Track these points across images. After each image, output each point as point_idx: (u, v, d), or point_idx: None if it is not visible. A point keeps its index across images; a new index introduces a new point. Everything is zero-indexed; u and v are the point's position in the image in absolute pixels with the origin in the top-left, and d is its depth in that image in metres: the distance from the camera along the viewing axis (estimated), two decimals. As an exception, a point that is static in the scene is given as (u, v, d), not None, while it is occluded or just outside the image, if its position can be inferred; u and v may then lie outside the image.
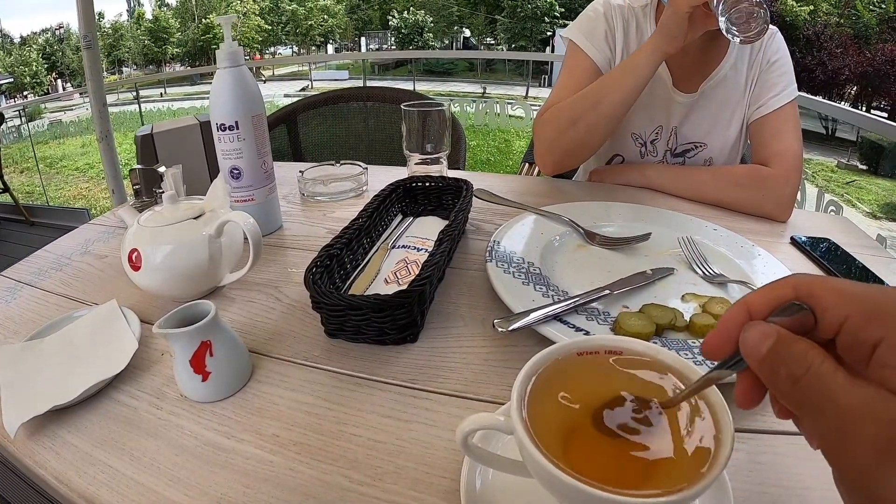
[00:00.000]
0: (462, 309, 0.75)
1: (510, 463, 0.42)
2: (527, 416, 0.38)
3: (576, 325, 0.65)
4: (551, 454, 0.35)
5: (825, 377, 0.28)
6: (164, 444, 0.54)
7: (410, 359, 0.66)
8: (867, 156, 8.88)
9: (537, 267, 0.78)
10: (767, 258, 0.84)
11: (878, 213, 7.50)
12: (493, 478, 0.47)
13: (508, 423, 0.38)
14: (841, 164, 8.80)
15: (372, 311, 0.64)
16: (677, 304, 0.73)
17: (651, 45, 1.04)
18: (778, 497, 0.48)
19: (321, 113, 1.91)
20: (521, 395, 0.39)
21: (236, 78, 0.87)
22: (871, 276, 0.84)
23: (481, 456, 0.43)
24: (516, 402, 0.38)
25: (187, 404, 0.59)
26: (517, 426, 0.36)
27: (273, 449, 0.53)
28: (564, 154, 1.13)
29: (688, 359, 0.59)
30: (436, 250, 0.73)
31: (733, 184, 1.09)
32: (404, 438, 0.54)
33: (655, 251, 0.86)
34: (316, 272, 0.69)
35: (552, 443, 0.36)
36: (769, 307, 0.32)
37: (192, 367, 0.57)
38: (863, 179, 8.56)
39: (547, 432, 0.37)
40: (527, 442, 0.35)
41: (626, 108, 1.08)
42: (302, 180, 1.17)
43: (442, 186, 0.99)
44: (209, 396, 0.59)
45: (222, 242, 0.76)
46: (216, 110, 0.87)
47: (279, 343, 0.69)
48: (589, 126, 1.08)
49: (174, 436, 0.55)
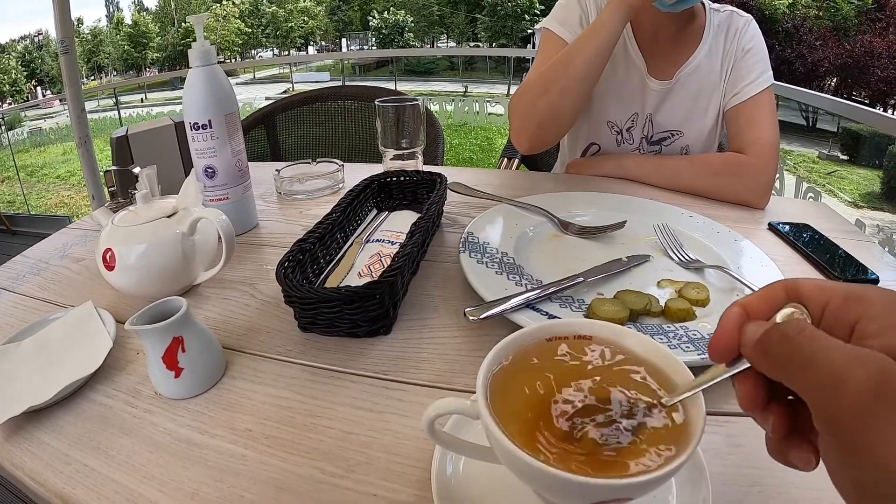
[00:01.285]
0: (435, 300, 0.74)
1: (479, 449, 0.42)
2: (492, 400, 0.37)
3: (549, 313, 0.64)
4: (518, 439, 0.34)
5: (817, 336, 0.29)
6: (138, 441, 0.54)
7: (383, 350, 0.65)
8: (848, 146, 8.96)
9: (511, 257, 0.78)
10: (743, 243, 0.83)
11: (859, 202, 7.56)
12: (465, 466, 0.47)
13: (475, 406, 0.37)
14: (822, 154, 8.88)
15: (343, 303, 0.63)
16: (653, 290, 0.72)
17: (616, 1, 1.04)
18: (758, 477, 0.48)
19: (300, 113, 1.90)
20: (486, 379, 0.38)
21: (209, 76, 0.87)
22: (851, 259, 0.84)
23: (449, 442, 0.42)
24: (482, 386, 0.38)
25: (161, 402, 0.59)
26: (482, 410, 0.36)
27: (246, 443, 0.53)
28: (538, 126, 1.11)
29: (662, 343, 0.60)
30: (407, 242, 0.72)
31: (710, 172, 1.09)
32: (376, 429, 0.54)
33: (631, 239, 0.86)
34: (288, 266, 0.68)
35: (519, 427, 0.36)
36: (767, 308, 0.34)
37: (164, 363, 0.57)
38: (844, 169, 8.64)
39: (514, 417, 0.36)
40: (491, 424, 0.35)
41: (597, 68, 1.06)
42: (278, 179, 1.16)
43: (416, 181, 0.99)
44: (182, 393, 0.59)
45: (196, 240, 0.76)
46: (189, 109, 0.87)
47: (253, 339, 0.68)
48: (561, 90, 1.06)
49: (149, 433, 0.54)
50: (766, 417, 0.33)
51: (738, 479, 0.48)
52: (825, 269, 0.81)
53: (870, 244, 0.91)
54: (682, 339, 0.60)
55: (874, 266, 0.82)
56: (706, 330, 0.62)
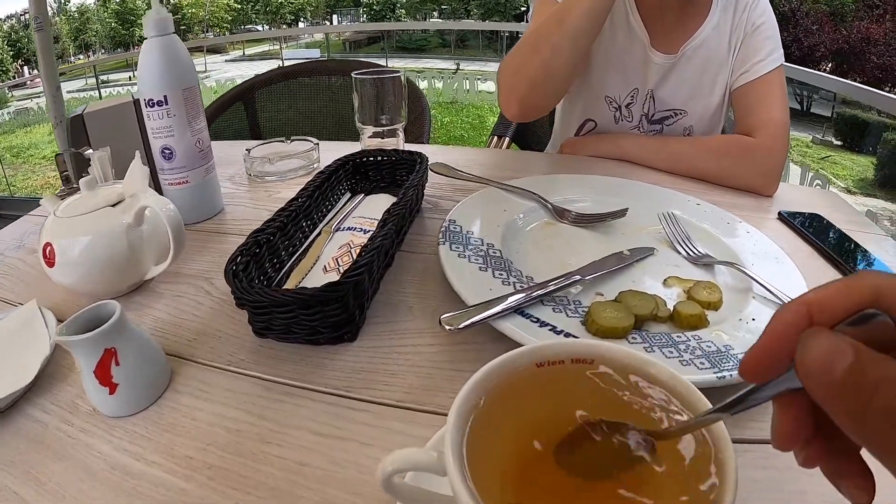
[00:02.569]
0: (410, 300, 0.66)
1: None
2: (466, 453, 0.28)
3: (540, 319, 0.55)
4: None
5: None
6: (72, 466, 0.47)
7: (347, 361, 0.57)
8: (842, 132, 8.95)
9: (497, 249, 0.68)
10: (757, 236, 0.75)
11: (853, 188, 7.54)
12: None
13: (441, 460, 0.28)
14: (816, 139, 8.86)
15: (299, 307, 0.54)
16: (659, 289, 0.64)
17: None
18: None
19: (281, 89, 1.80)
20: (459, 424, 0.30)
21: (165, 48, 0.79)
22: (869, 257, 0.77)
23: (414, 497, 0.33)
24: (452, 435, 0.29)
25: (98, 420, 0.51)
26: (451, 469, 0.27)
27: (185, 474, 0.45)
28: (529, 87, 1.02)
29: (672, 358, 0.51)
30: (377, 232, 0.63)
31: (715, 154, 1.02)
32: (335, 461, 0.46)
33: (633, 229, 0.77)
34: (240, 262, 0.59)
35: (499, 491, 0.27)
36: (840, 312, 0.24)
37: (97, 378, 0.50)
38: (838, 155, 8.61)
39: (492, 477, 0.28)
40: (462, 492, 0.26)
41: (594, 23, 0.97)
42: (248, 159, 1.07)
43: (395, 161, 0.90)
44: (119, 411, 0.52)
45: (143, 231, 0.68)
46: (143, 84, 0.80)
47: (203, 345, 0.60)
48: (553, 47, 0.97)
49: (83, 457, 0.48)
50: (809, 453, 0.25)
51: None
52: (840, 264, 0.75)
53: (883, 238, 0.85)
54: (696, 353, 0.52)
55: (892, 264, 0.76)
56: (721, 341, 0.54)
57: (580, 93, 1.17)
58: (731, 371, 0.49)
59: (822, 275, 0.74)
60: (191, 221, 0.86)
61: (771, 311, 0.59)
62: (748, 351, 0.26)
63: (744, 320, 0.58)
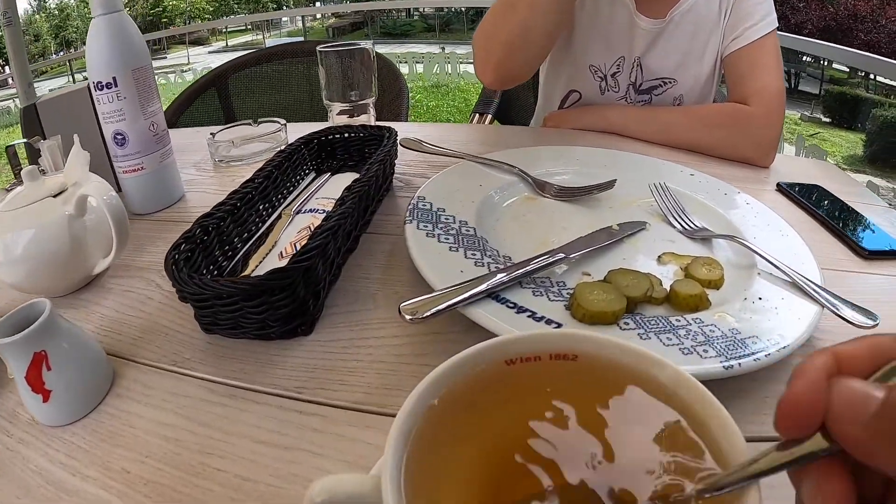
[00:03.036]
0: (374, 286, 0.59)
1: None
2: (406, 484, 0.22)
3: (517, 304, 0.48)
4: None
5: None
6: (9, 482, 0.42)
7: (301, 358, 0.50)
8: (831, 108, 8.95)
9: (471, 227, 0.61)
10: (757, 207, 0.69)
11: (842, 164, 7.51)
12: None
13: (378, 486, 0.22)
14: (804, 116, 8.83)
15: (242, 299, 0.47)
16: (653, 267, 0.58)
17: None
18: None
19: (255, 74, 1.72)
20: (399, 447, 0.23)
21: (113, 26, 0.73)
22: (872, 227, 0.73)
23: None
24: (391, 461, 0.22)
25: (37, 429, 0.47)
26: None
27: (120, 490, 0.40)
28: (506, 51, 0.95)
29: (671, 346, 0.44)
30: (334, 212, 0.56)
31: (708, 124, 0.97)
32: (280, 475, 0.40)
33: (622, 201, 0.71)
34: (183, 250, 0.53)
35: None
36: (868, 366, 0.22)
37: (28, 385, 0.46)
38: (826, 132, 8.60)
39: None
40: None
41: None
42: (212, 144, 1.00)
43: (364, 137, 0.82)
44: (55, 419, 0.47)
45: (87, 221, 0.63)
46: (91, 66, 0.74)
47: (148, 344, 0.55)
48: (531, 4, 0.90)
49: (19, 471, 0.43)
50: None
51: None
52: (845, 237, 0.71)
53: (885, 209, 0.81)
54: (698, 339, 0.45)
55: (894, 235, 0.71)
56: (726, 325, 0.47)
57: (563, 62, 1.11)
58: (740, 360, 0.43)
59: (828, 248, 0.69)
60: (148, 211, 0.80)
61: (779, 289, 0.53)
62: (780, 400, 0.22)
63: (749, 300, 0.51)
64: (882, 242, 0.69)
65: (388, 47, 10.05)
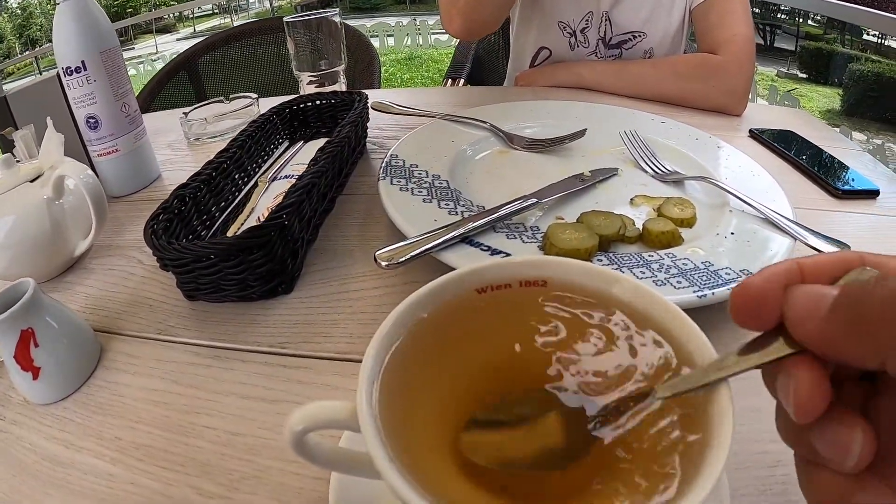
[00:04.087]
0: (352, 243, 0.60)
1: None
2: (380, 405, 0.23)
3: (491, 247, 0.49)
4: (418, 467, 0.21)
5: None
6: (4, 463, 0.43)
7: (283, 315, 0.51)
8: (807, 64, 8.95)
9: (444, 180, 0.62)
10: (729, 150, 0.70)
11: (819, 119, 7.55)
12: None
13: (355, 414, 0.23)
14: (781, 72, 8.84)
15: (220, 259, 0.48)
16: (626, 210, 0.59)
17: None
18: (780, 454, 0.36)
19: (226, 54, 1.70)
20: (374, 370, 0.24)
21: (79, 9, 0.72)
22: (845, 168, 0.74)
23: (332, 460, 0.27)
24: (366, 382, 0.23)
25: (29, 408, 0.47)
26: (366, 426, 0.21)
27: (114, 457, 0.41)
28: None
29: (645, 279, 0.45)
30: (307, 171, 0.56)
31: (679, 75, 0.97)
32: (268, 426, 0.41)
33: (593, 151, 0.71)
34: (161, 220, 0.53)
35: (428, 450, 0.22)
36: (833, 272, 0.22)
37: (18, 364, 0.46)
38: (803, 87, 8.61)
39: (418, 433, 0.23)
40: (377, 452, 0.20)
41: None
42: (185, 123, 0.99)
43: (335, 103, 0.82)
44: (47, 396, 0.47)
45: (66, 203, 0.63)
46: (60, 52, 0.73)
47: (132, 316, 0.55)
48: None
49: (14, 451, 0.44)
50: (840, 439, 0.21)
51: (755, 459, 0.37)
52: (819, 179, 0.71)
53: (859, 153, 0.81)
54: (671, 272, 0.46)
55: (871, 177, 0.72)
56: (698, 258, 0.48)
57: (532, 19, 1.10)
58: (714, 289, 0.44)
59: (800, 189, 0.70)
60: (126, 192, 0.80)
61: (752, 225, 0.54)
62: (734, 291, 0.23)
63: (722, 235, 0.52)
64: (856, 183, 0.69)
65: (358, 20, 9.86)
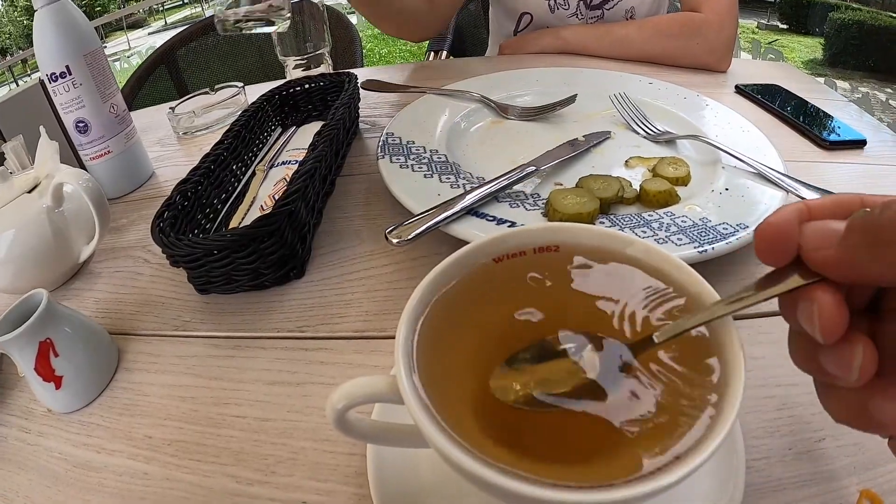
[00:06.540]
0: (357, 223, 0.60)
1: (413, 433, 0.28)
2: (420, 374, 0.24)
3: (497, 217, 0.50)
4: (462, 429, 0.22)
5: None
6: (36, 475, 0.43)
7: (298, 300, 0.52)
8: (787, 15, 8.92)
9: (442, 154, 0.63)
10: (717, 107, 0.71)
11: (802, 69, 7.55)
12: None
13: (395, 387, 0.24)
14: (761, 24, 8.80)
15: (232, 251, 0.49)
16: (621, 171, 0.60)
17: None
18: (787, 398, 0.38)
19: (204, 45, 1.67)
20: (408, 342, 0.25)
21: (58, 14, 0.71)
22: (831, 119, 0.75)
23: (373, 434, 0.29)
24: (403, 355, 0.24)
25: (54, 419, 0.47)
26: (407, 394, 0.23)
27: (147, 456, 0.42)
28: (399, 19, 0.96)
29: (646, 238, 0.46)
30: (308, 156, 0.57)
31: (662, 34, 0.97)
32: (297, 409, 0.42)
33: (585, 115, 0.72)
34: (167, 218, 0.53)
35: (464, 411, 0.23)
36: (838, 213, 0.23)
37: (39, 375, 0.46)
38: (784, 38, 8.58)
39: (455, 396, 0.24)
40: (422, 418, 0.22)
41: None
42: (173, 118, 0.98)
43: (325, 86, 0.82)
44: (71, 404, 0.47)
45: (66, 210, 0.62)
46: (42, 59, 0.72)
47: (146, 315, 0.55)
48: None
49: (44, 462, 0.43)
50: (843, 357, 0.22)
51: (762, 402, 0.38)
52: (806, 131, 0.72)
53: (845, 104, 0.82)
54: (671, 230, 0.48)
55: (857, 126, 0.73)
56: (696, 215, 0.50)
57: None
58: (713, 244, 0.46)
59: (790, 142, 0.71)
60: (122, 193, 0.79)
61: (744, 180, 0.55)
62: (758, 227, 0.24)
63: (716, 191, 0.54)
64: (843, 133, 0.70)
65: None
